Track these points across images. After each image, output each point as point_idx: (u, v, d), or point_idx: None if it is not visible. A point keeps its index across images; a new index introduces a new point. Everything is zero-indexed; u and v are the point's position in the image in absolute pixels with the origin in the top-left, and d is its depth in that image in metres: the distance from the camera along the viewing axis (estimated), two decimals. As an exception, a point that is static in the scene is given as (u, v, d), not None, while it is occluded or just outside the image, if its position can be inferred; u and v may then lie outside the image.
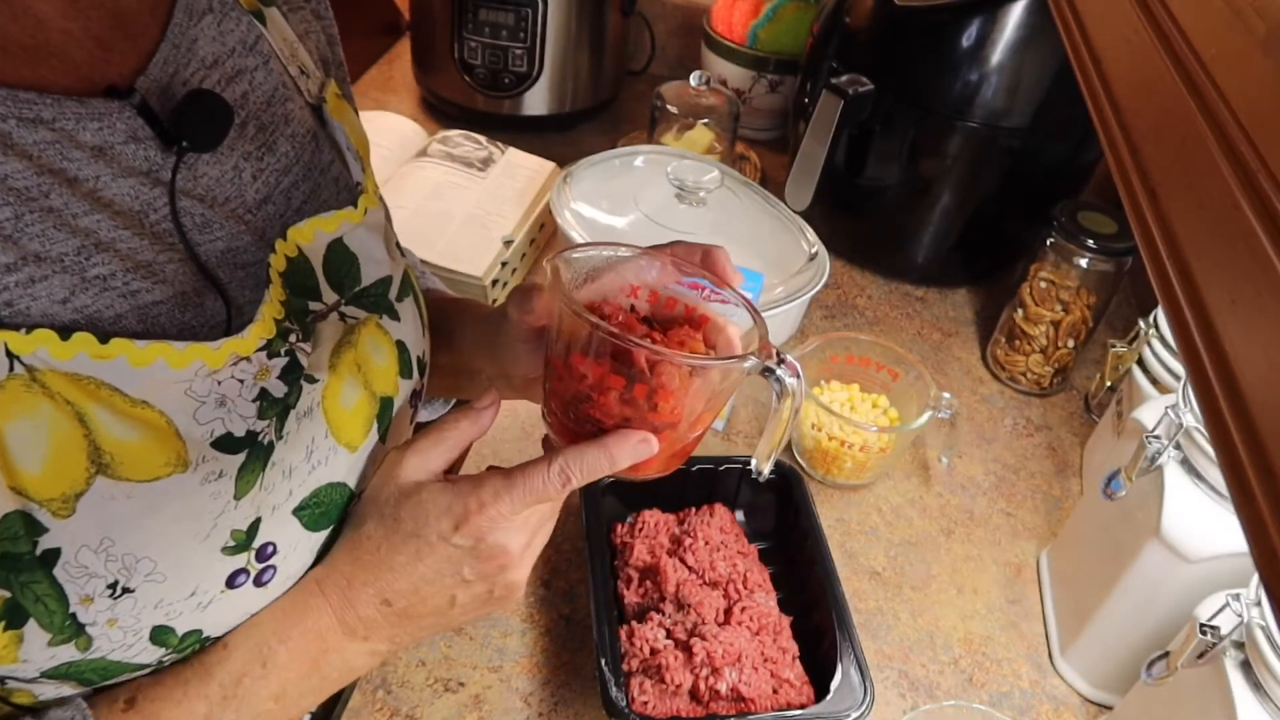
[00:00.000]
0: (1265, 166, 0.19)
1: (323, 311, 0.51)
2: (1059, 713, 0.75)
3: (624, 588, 0.74)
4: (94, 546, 0.41)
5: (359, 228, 0.53)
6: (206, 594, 0.45)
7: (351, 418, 0.52)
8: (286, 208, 0.50)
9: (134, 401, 0.41)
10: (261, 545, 0.47)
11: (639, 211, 1.06)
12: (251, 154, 0.49)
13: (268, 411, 0.46)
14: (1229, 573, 0.64)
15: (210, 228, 0.46)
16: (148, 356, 0.41)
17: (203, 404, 0.44)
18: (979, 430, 0.99)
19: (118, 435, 0.41)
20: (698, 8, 1.47)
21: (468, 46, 1.24)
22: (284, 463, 0.48)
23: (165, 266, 0.44)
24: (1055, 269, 0.96)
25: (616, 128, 1.39)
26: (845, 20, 1.05)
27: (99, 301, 0.41)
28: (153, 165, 0.44)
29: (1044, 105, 0.98)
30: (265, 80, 0.50)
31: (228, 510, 0.45)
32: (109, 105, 0.42)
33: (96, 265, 0.41)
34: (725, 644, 0.67)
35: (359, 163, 0.56)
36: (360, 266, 0.53)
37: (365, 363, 0.53)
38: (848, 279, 1.17)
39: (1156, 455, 0.67)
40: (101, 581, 0.41)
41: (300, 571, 0.51)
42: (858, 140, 1.05)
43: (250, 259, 0.48)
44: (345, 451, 0.51)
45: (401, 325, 0.56)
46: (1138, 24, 0.28)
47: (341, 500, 0.52)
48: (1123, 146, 0.26)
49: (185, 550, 0.43)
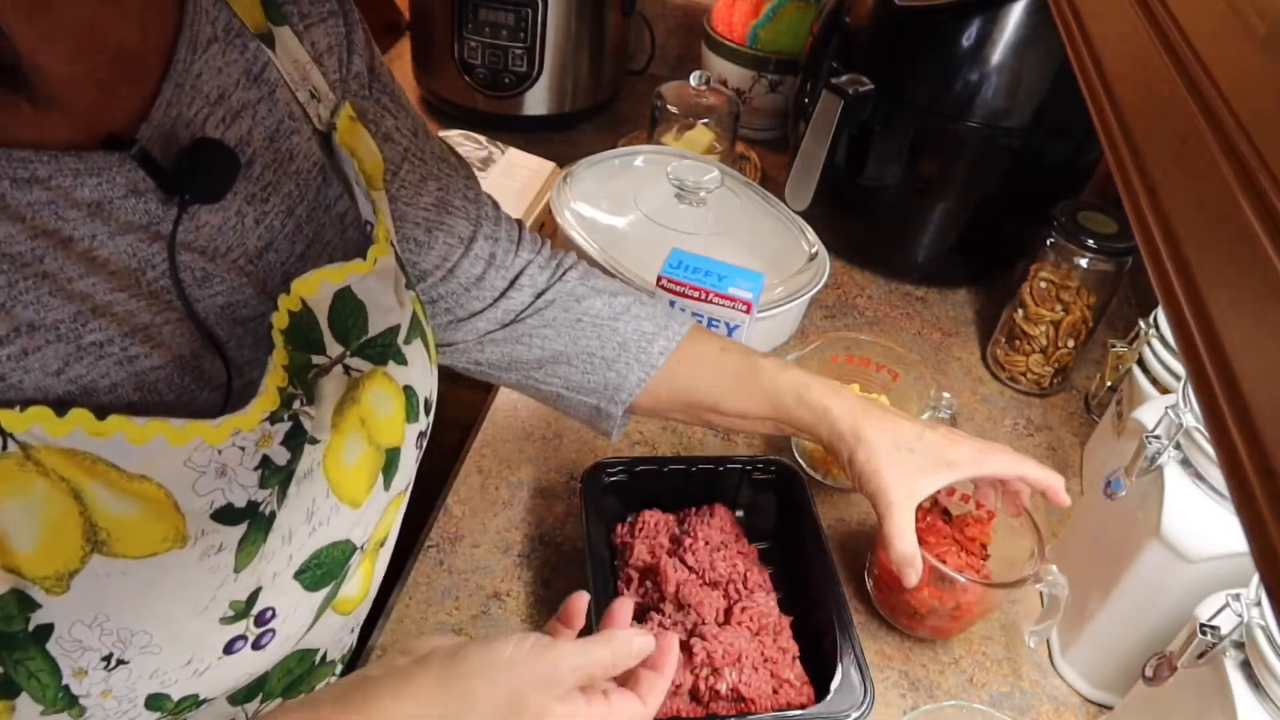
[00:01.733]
0: (1265, 166, 0.19)
1: (326, 365, 0.49)
2: (1059, 713, 0.75)
3: (624, 588, 0.74)
4: (88, 621, 0.39)
5: (368, 277, 0.51)
6: (203, 661, 0.44)
7: (354, 474, 0.50)
8: (289, 254, 0.48)
9: (131, 476, 0.40)
10: (261, 611, 0.46)
11: (639, 211, 1.06)
12: (255, 196, 0.47)
13: (270, 480, 0.45)
14: (1229, 573, 0.64)
15: (210, 282, 0.44)
16: (146, 434, 0.40)
17: (202, 474, 0.42)
18: (979, 430, 0.99)
19: (115, 511, 0.39)
20: (698, 8, 1.47)
21: (468, 46, 1.24)
22: (284, 528, 0.46)
23: (163, 329, 0.42)
24: (1055, 269, 0.96)
25: (616, 128, 1.39)
26: (845, 20, 1.05)
27: (94, 371, 0.39)
28: (153, 219, 0.42)
29: (1044, 105, 0.98)
30: (270, 114, 0.48)
31: (227, 583, 0.43)
32: (108, 159, 0.40)
33: (93, 332, 0.39)
34: (725, 644, 0.67)
35: (368, 199, 0.54)
36: (368, 316, 0.51)
37: (369, 417, 0.50)
38: (848, 279, 1.17)
39: (1157, 455, 0.67)
40: (96, 654, 0.40)
41: (299, 632, 0.50)
42: (858, 140, 1.05)
43: (250, 313, 0.46)
44: (348, 509, 0.49)
45: (409, 369, 0.54)
46: (1138, 23, 0.28)
47: (343, 557, 0.50)
48: (1123, 146, 0.26)
49: (182, 622, 0.42)
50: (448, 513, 0.84)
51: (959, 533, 0.78)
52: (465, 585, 0.78)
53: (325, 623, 0.54)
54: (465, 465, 0.88)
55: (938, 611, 0.74)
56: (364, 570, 0.56)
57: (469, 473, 0.88)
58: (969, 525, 0.78)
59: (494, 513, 0.84)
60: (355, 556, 0.52)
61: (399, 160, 0.59)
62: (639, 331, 0.70)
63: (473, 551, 0.81)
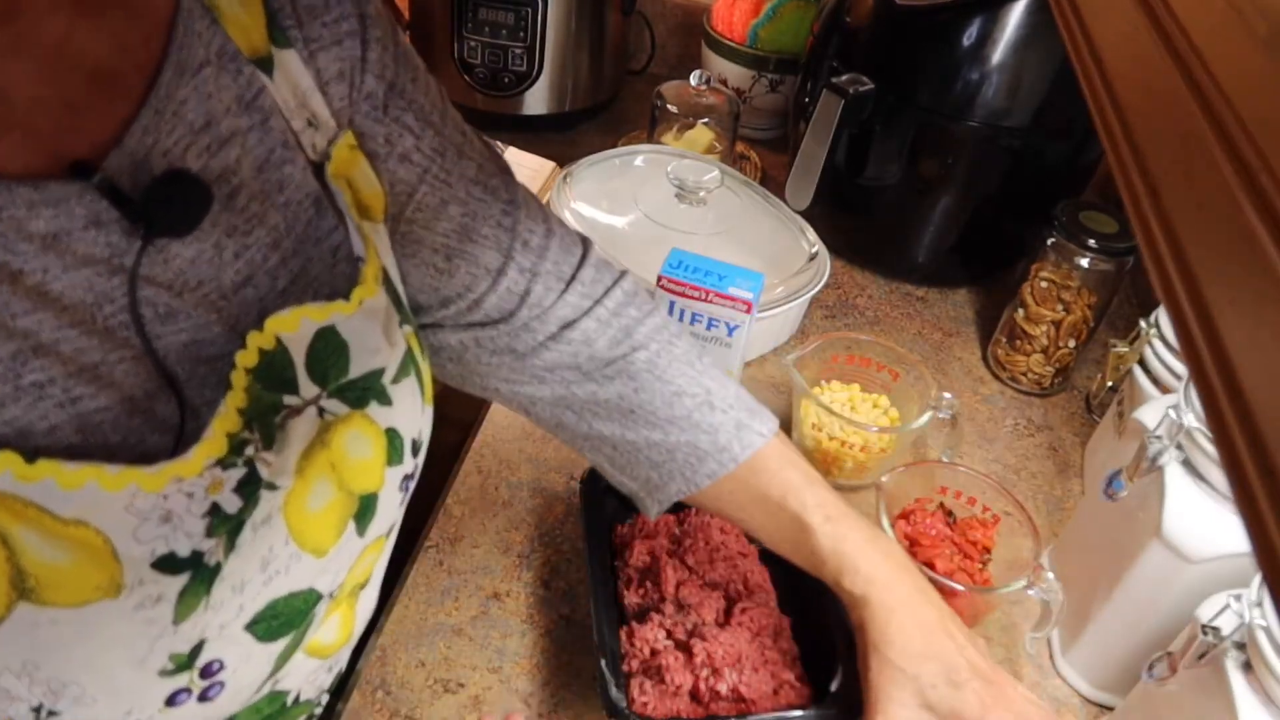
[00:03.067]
0: (1266, 166, 0.19)
1: (298, 407, 0.45)
2: (1060, 713, 0.75)
3: (624, 588, 0.74)
4: (16, 671, 0.38)
5: (353, 317, 0.48)
6: (144, 712, 0.42)
7: (319, 521, 0.47)
8: (270, 290, 0.45)
9: (66, 521, 0.37)
10: (206, 663, 0.43)
11: (639, 211, 1.06)
12: (237, 228, 0.44)
13: (218, 529, 0.42)
14: (1230, 573, 0.64)
15: (174, 318, 0.42)
16: (78, 479, 0.37)
17: (145, 521, 0.40)
18: (980, 430, 0.99)
19: (45, 558, 0.37)
20: (698, 7, 1.47)
21: (467, 46, 1.24)
22: (234, 577, 0.43)
23: (115, 368, 0.40)
24: (1056, 269, 0.96)
25: (616, 128, 1.39)
26: (845, 20, 1.05)
27: (32, 413, 0.37)
28: (114, 251, 0.39)
29: (1044, 105, 0.98)
30: (261, 142, 0.45)
31: (165, 635, 0.41)
32: (68, 189, 0.37)
33: (33, 372, 0.37)
34: (725, 645, 0.66)
35: (360, 235, 0.50)
36: (350, 357, 0.48)
37: (340, 462, 0.47)
38: (848, 279, 1.17)
39: (1158, 455, 0.67)
40: (24, 705, 0.38)
41: (255, 682, 0.47)
42: (858, 140, 1.05)
43: (216, 352, 0.43)
44: (310, 557, 0.47)
45: (394, 410, 0.50)
46: (1139, 23, 0.28)
47: (305, 606, 0.47)
48: (1123, 146, 0.26)
49: (117, 674, 0.40)
50: (448, 513, 0.84)
51: (961, 536, 0.78)
52: (465, 585, 0.78)
53: (296, 666, 0.51)
54: (465, 465, 0.88)
55: None
56: (342, 615, 0.54)
57: (469, 473, 0.88)
58: (973, 528, 0.78)
59: (494, 513, 0.84)
60: (321, 605, 0.49)
61: (415, 182, 0.54)
62: (691, 445, 0.62)
63: (473, 551, 0.81)
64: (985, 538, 0.78)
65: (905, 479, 0.80)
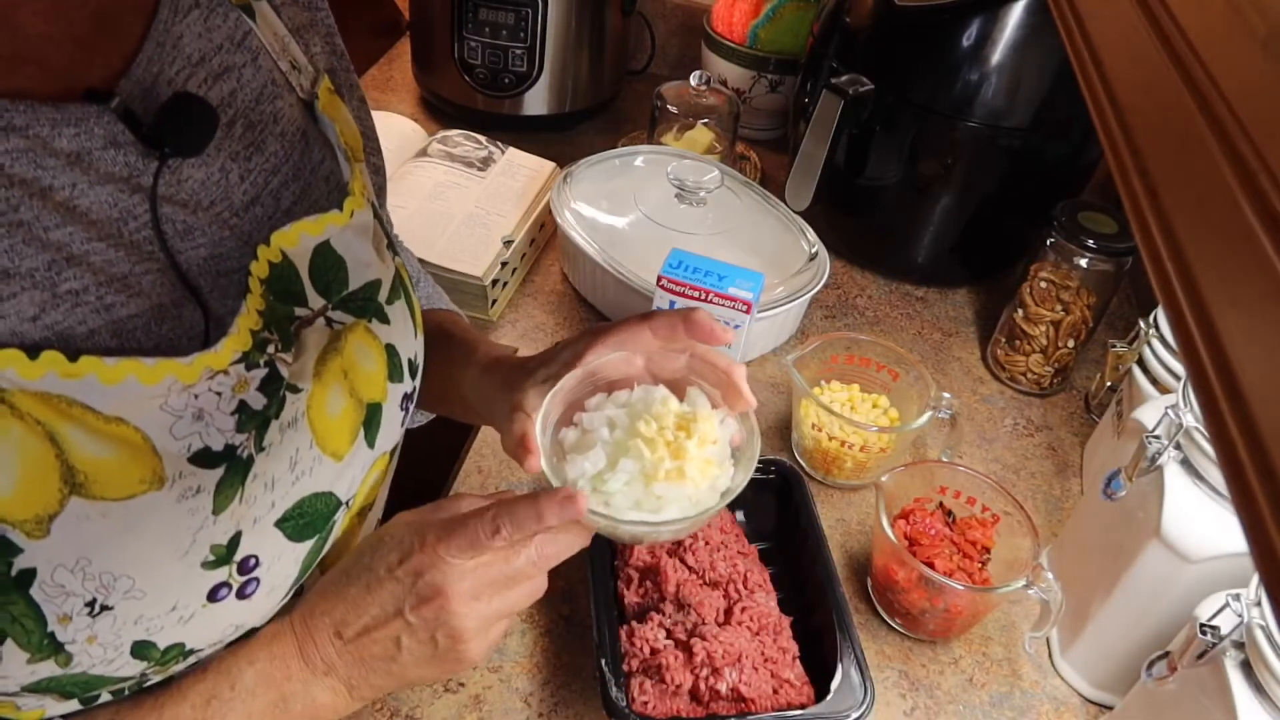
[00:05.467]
0: (1266, 166, 0.19)
1: (309, 317, 0.50)
2: (1059, 713, 0.75)
3: (624, 588, 0.74)
4: (70, 566, 0.40)
5: (345, 230, 0.52)
6: (188, 608, 0.44)
7: (337, 426, 0.50)
8: (275, 209, 0.49)
9: (108, 419, 0.40)
10: (243, 558, 0.46)
11: (639, 211, 1.06)
12: (239, 154, 0.47)
13: (246, 425, 0.45)
14: (1229, 573, 0.64)
15: (192, 234, 0.45)
16: (118, 374, 0.40)
17: (179, 419, 0.43)
18: (979, 430, 0.99)
19: (91, 453, 0.40)
20: (698, 8, 1.47)
21: (468, 46, 1.24)
22: (266, 475, 0.46)
23: (142, 278, 0.42)
24: (1055, 269, 0.96)
25: (616, 128, 1.39)
26: (845, 20, 1.05)
27: (71, 318, 0.40)
28: (133, 171, 0.42)
29: (1044, 105, 0.98)
30: (254, 77, 0.49)
31: (206, 525, 0.44)
32: (86, 110, 0.40)
33: (68, 280, 0.40)
34: (725, 644, 0.66)
35: (348, 162, 0.55)
36: (348, 270, 0.52)
37: (352, 369, 0.51)
38: (848, 279, 1.17)
39: (1157, 455, 0.67)
40: (79, 600, 0.40)
41: (285, 583, 0.50)
42: (858, 140, 1.05)
43: (233, 265, 0.46)
44: (330, 461, 0.50)
45: (391, 328, 0.55)
46: (1138, 23, 0.28)
47: (327, 510, 0.51)
48: (1123, 146, 0.26)
49: (164, 566, 0.43)
50: (448, 513, 0.84)
51: (961, 535, 0.78)
52: (465, 585, 0.78)
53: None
54: (465, 465, 0.88)
55: (930, 613, 0.74)
56: (347, 531, 0.56)
57: (469, 473, 0.88)
58: (972, 528, 0.78)
59: (494, 513, 0.84)
60: (340, 512, 0.52)
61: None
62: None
63: (473, 551, 0.81)
64: (985, 537, 0.78)
65: (905, 479, 0.80)
